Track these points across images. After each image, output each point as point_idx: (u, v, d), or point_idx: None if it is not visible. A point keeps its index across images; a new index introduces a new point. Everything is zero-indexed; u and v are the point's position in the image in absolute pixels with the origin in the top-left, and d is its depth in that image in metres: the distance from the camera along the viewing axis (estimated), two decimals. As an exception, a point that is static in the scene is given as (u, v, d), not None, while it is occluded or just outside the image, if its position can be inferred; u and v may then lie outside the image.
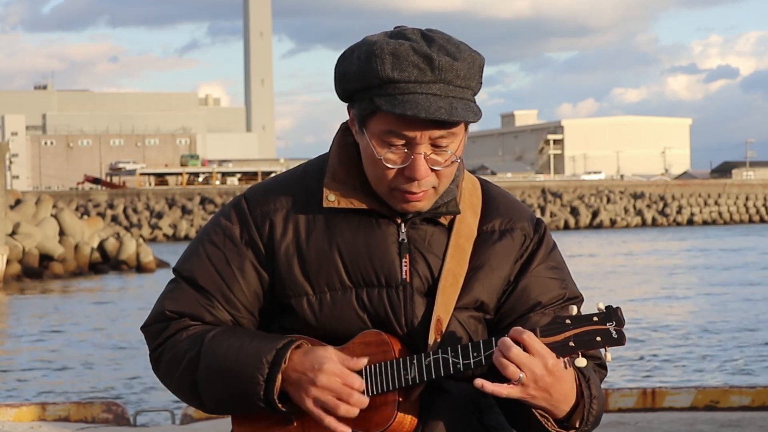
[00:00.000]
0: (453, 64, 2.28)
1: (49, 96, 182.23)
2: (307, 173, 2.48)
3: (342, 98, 2.40)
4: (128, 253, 44.72)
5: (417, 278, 2.39)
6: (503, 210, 2.49)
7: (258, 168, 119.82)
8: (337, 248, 2.39)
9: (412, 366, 2.31)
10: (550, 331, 2.27)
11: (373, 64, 2.27)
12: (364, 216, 2.41)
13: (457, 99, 2.29)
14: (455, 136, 2.32)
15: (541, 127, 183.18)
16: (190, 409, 8.14)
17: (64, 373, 17.99)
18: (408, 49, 2.27)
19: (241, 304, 2.44)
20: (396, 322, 2.38)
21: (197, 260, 2.46)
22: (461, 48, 2.32)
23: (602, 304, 2.28)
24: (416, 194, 2.34)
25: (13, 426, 7.89)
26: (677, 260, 48.05)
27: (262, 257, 2.43)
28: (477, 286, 2.41)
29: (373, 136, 2.32)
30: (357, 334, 2.37)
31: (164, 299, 2.47)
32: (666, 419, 7.45)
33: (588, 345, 2.26)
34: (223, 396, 2.38)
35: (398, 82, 2.27)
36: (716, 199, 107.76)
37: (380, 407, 2.33)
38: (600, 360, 2.46)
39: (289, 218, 2.42)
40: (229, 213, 2.47)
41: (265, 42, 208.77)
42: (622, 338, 2.26)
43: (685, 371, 17.16)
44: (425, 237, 2.41)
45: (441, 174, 2.34)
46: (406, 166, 2.31)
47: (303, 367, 2.32)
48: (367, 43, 2.32)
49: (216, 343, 2.38)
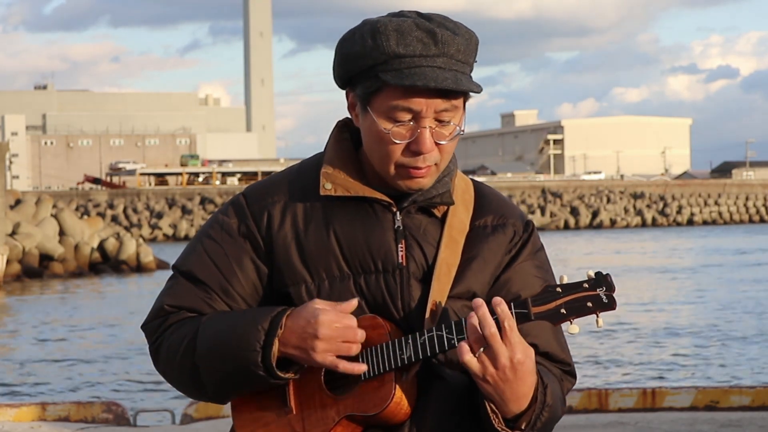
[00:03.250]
0: (454, 38, 2.35)
1: (49, 96, 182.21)
2: (303, 169, 2.53)
3: (341, 83, 2.44)
4: (128, 253, 44.70)
5: (413, 263, 2.43)
6: (495, 207, 2.53)
7: (258, 168, 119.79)
8: (334, 236, 2.44)
9: (407, 345, 2.33)
10: (541, 300, 2.29)
11: (378, 41, 2.33)
12: (361, 204, 2.45)
13: (460, 72, 2.36)
14: (457, 109, 2.38)
15: (541, 127, 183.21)
16: (190, 409, 8.14)
17: (64, 373, 17.98)
18: (411, 25, 2.34)
19: (240, 296, 2.47)
20: (393, 306, 2.42)
21: (195, 255, 2.50)
22: (458, 25, 2.40)
23: (592, 272, 2.30)
24: (421, 169, 2.38)
25: (13, 426, 7.89)
26: (677, 260, 48.03)
27: (260, 249, 2.46)
28: (470, 276, 2.44)
29: (378, 113, 2.37)
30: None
31: (163, 295, 2.51)
32: (666, 419, 7.45)
33: (579, 311, 2.28)
34: (223, 373, 2.40)
35: (404, 57, 2.33)
36: (716, 199, 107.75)
37: (378, 388, 2.35)
38: (569, 367, 2.49)
39: (286, 209, 2.47)
40: (227, 209, 2.52)
41: (265, 42, 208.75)
42: (612, 303, 2.28)
43: (685, 371, 17.16)
44: (420, 226, 2.46)
45: (443, 149, 2.39)
46: (412, 140, 2.36)
47: (299, 325, 2.34)
48: (369, 22, 2.38)
49: (212, 323, 2.41)
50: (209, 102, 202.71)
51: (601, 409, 7.83)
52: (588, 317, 2.31)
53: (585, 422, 7.35)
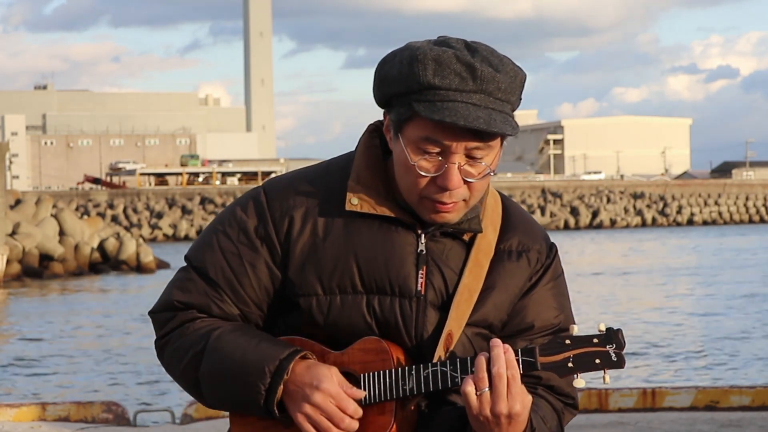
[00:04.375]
0: (495, 76, 2.26)
1: (49, 96, 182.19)
2: (330, 172, 2.45)
3: (379, 103, 2.38)
4: (128, 253, 44.71)
5: (432, 291, 2.38)
6: (521, 230, 2.47)
7: (258, 168, 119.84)
8: (353, 252, 2.37)
9: (410, 377, 2.30)
10: (549, 350, 2.27)
11: (415, 69, 2.26)
12: (385, 223, 2.38)
13: (497, 111, 2.27)
14: (491, 149, 2.30)
15: (541, 127, 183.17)
16: (190, 408, 8.14)
17: (64, 372, 17.99)
18: (451, 57, 2.26)
19: (250, 299, 2.43)
20: (406, 333, 2.37)
21: (210, 251, 2.44)
22: (504, 61, 2.30)
23: (603, 325, 2.27)
24: (447, 205, 2.32)
25: (13, 426, 7.89)
26: (677, 260, 48.03)
27: (276, 254, 2.41)
28: (489, 305, 2.40)
29: (408, 142, 2.30)
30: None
31: (174, 287, 2.46)
32: (666, 419, 7.45)
33: (587, 367, 2.26)
34: (224, 397, 2.39)
35: (439, 89, 2.26)
36: (716, 199, 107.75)
37: (377, 416, 2.33)
38: (572, 401, 2.47)
39: (308, 216, 2.40)
40: (247, 205, 2.44)
41: (265, 42, 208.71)
42: (621, 361, 2.26)
43: (685, 371, 17.16)
44: (443, 250, 2.40)
45: (473, 187, 2.32)
46: (439, 175, 2.29)
47: (302, 381, 2.32)
48: (411, 48, 2.31)
49: (221, 344, 2.37)
50: (209, 102, 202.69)
51: (601, 409, 7.83)
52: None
53: (585, 422, 7.35)
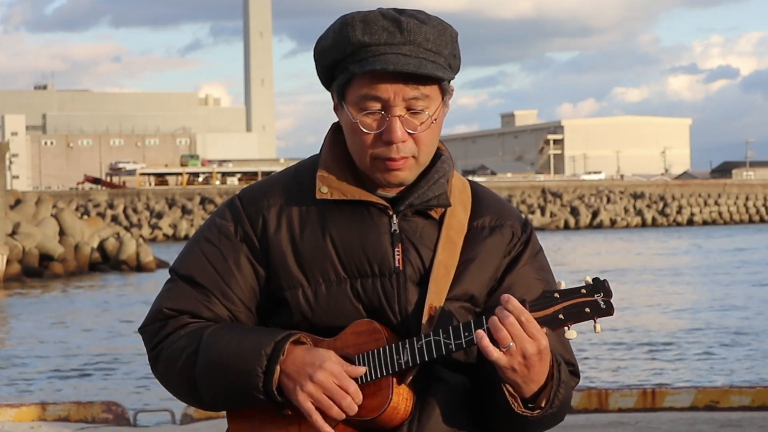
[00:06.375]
0: (421, 27, 2.34)
1: (49, 96, 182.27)
2: (300, 171, 2.51)
3: (324, 83, 2.45)
4: (128, 253, 44.73)
5: (410, 267, 2.41)
6: (493, 208, 2.52)
7: (258, 168, 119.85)
8: (330, 240, 2.42)
9: (405, 350, 2.33)
10: (539, 305, 2.30)
11: (345, 32, 2.35)
12: (357, 207, 2.43)
13: (428, 61, 2.34)
14: (430, 99, 2.36)
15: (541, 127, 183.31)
16: (190, 409, 8.14)
17: (64, 372, 17.99)
18: (377, 15, 2.35)
19: (239, 298, 2.45)
20: (390, 310, 2.40)
21: (193, 258, 2.48)
22: (431, 17, 2.39)
23: (589, 277, 2.30)
24: (396, 161, 2.36)
25: (13, 426, 7.90)
26: (677, 260, 48.04)
27: (257, 252, 2.45)
28: (468, 278, 2.43)
29: (350, 104, 2.36)
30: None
31: (161, 298, 2.49)
32: (666, 419, 7.46)
33: (577, 317, 2.29)
34: (222, 390, 2.39)
35: (369, 45, 2.33)
36: (716, 199, 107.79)
37: (375, 393, 2.34)
38: (573, 367, 2.49)
39: (282, 212, 2.45)
40: (223, 212, 2.50)
41: (266, 42, 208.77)
42: (610, 309, 2.28)
43: (685, 371, 17.16)
44: (417, 229, 2.44)
45: (419, 140, 2.36)
46: (383, 130, 2.34)
47: (303, 361, 2.34)
48: (340, 18, 2.40)
49: (214, 339, 2.39)
50: (209, 102, 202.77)
51: (601, 409, 7.84)
52: (586, 322, 2.31)
53: (585, 422, 7.35)
